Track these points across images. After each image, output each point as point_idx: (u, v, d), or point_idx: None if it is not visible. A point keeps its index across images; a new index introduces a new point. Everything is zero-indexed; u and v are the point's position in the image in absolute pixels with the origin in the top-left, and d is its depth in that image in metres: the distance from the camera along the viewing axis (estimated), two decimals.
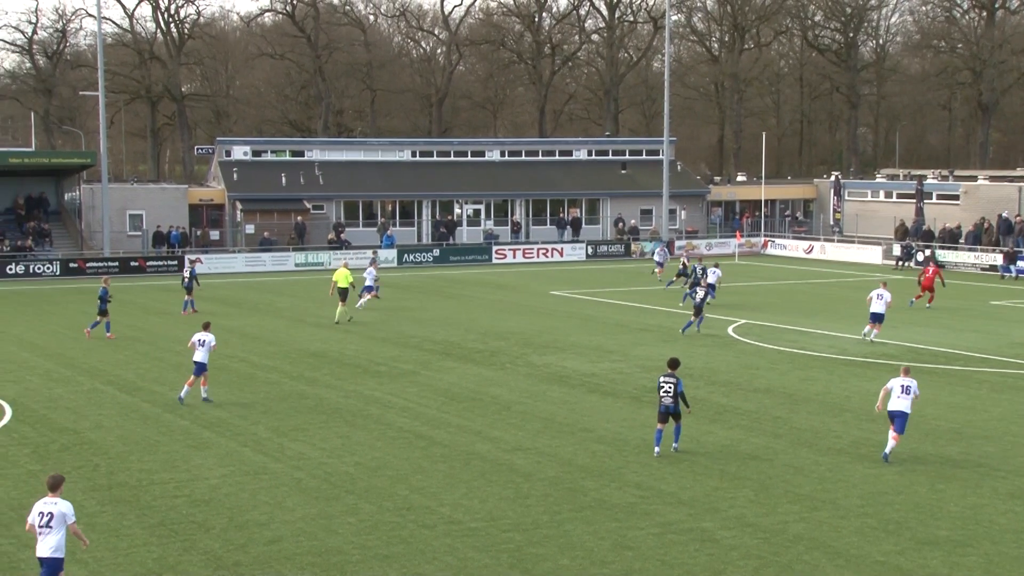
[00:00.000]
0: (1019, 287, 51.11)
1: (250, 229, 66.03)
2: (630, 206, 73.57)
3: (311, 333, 37.72)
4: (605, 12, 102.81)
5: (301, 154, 72.40)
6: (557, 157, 76.96)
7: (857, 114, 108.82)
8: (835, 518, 18.05)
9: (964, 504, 18.73)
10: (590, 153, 77.86)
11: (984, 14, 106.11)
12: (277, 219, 66.76)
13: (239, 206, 67.50)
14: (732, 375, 30.15)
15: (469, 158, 75.10)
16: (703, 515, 18.23)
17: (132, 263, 59.33)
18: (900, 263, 59.23)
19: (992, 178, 73.16)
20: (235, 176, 68.84)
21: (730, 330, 38.25)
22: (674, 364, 22.37)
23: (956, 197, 69.49)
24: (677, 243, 68.07)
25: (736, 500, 19.02)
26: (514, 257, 65.72)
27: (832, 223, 74.06)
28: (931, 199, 69.83)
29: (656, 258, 55.74)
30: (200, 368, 26.38)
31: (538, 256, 66.02)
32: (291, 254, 62.20)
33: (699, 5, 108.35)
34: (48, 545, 13.96)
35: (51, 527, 13.98)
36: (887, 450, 21.46)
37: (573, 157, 77.37)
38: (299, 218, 66.52)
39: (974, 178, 73.53)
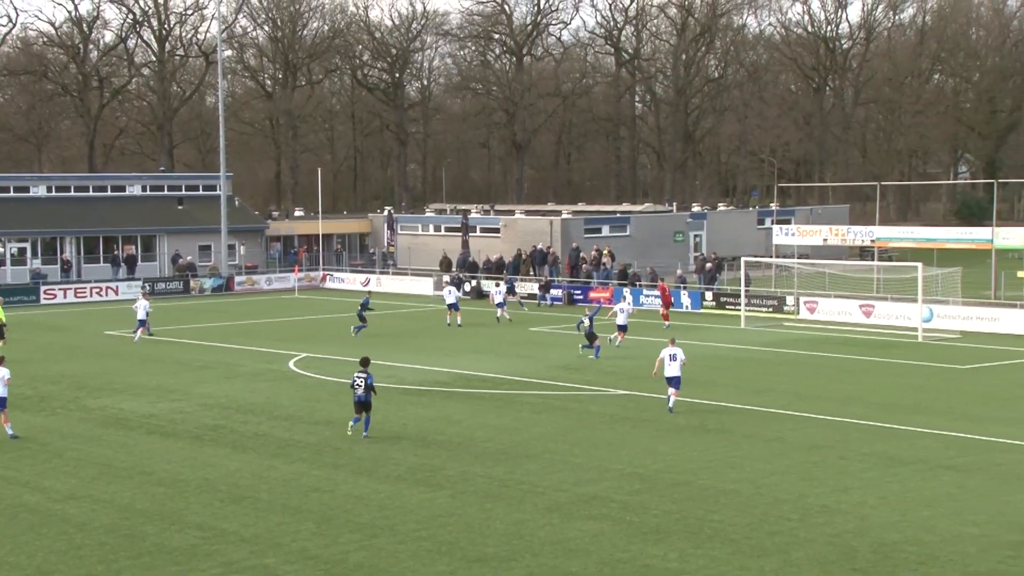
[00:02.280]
0: (554, 314, 54.75)
1: None
2: (188, 242, 71.86)
3: None
4: (155, 45, 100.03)
5: None
6: (109, 193, 73.90)
7: (406, 151, 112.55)
8: (393, 543, 18.59)
9: (509, 521, 19.85)
10: (145, 188, 75.41)
11: (514, 59, 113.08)
12: None
13: None
14: (294, 408, 30.25)
15: (12, 194, 70.46)
16: (266, 551, 18.19)
17: None
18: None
19: (528, 212, 78.08)
20: None
21: (291, 364, 38.34)
22: (366, 362, 26.78)
23: (497, 230, 73.48)
24: (237, 279, 67.28)
25: (299, 534, 19.14)
26: (65, 297, 62.32)
27: (386, 256, 75.97)
28: (476, 232, 73.37)
29: (496, 299, 51.24)
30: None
31: (91, 295, 62.98)
32: None
33: (251, 41, 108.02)
34: None
35: None
36: (671, 404, 28.77)
37: (127, 193, 74.61)
38: None
39: (512, 212, 78.11)
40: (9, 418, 27.05)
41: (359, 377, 26.18)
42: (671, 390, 29.00)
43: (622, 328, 41.61)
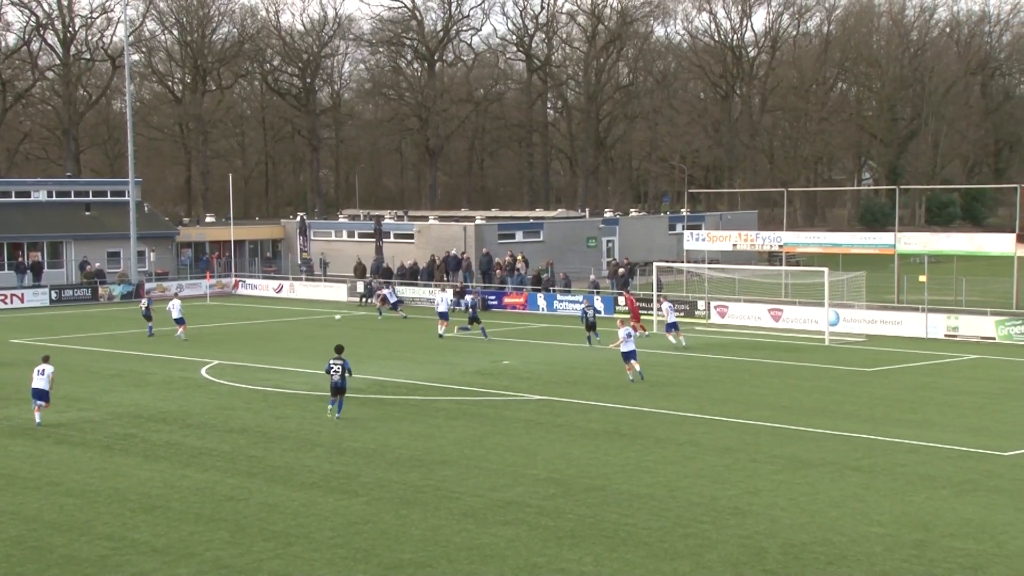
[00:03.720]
0: (465, 318, 54.63)
1: None
2: (96, 248, 70.57)
3: None
4: (59, 49, 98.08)
5: None
6: (14, 198, 72.33)
7: (319, 156, 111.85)
8: (308, 551, 18.45)
9: (425, 527, 19.81)
10: (51, 194, 73.92)
11: (426, 65, 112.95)
12: None
13: None
14: (207, 417, 29.87)
15: None
16: (178, 562, 17.93)
17: None
18: (364, 300, 61.36)
19: (441, 218, 78.04)
20: None
21: (203, 371, 37.85)
22: (340, 349, 29.09)
23: (411, 236, 73.32)
24: (147, 285, 66.24)
25: (212, 543, 18.89)
26: None
27: (300, 262, 75.41)
28: (389, 238, 73.13)
29: (440, 307, 47.89)
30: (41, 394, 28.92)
31: None
32: None
33: (159, 45, 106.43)
34: None
35: None
36: (636, 373, 34.17)
37: (32, 198, 73.08)
38: None
39: (426, 218, 78.01)
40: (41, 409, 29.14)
41: (335, 364, 28.54)
42: (634, 362, 34.31)
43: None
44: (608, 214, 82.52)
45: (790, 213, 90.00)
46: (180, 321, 46.58)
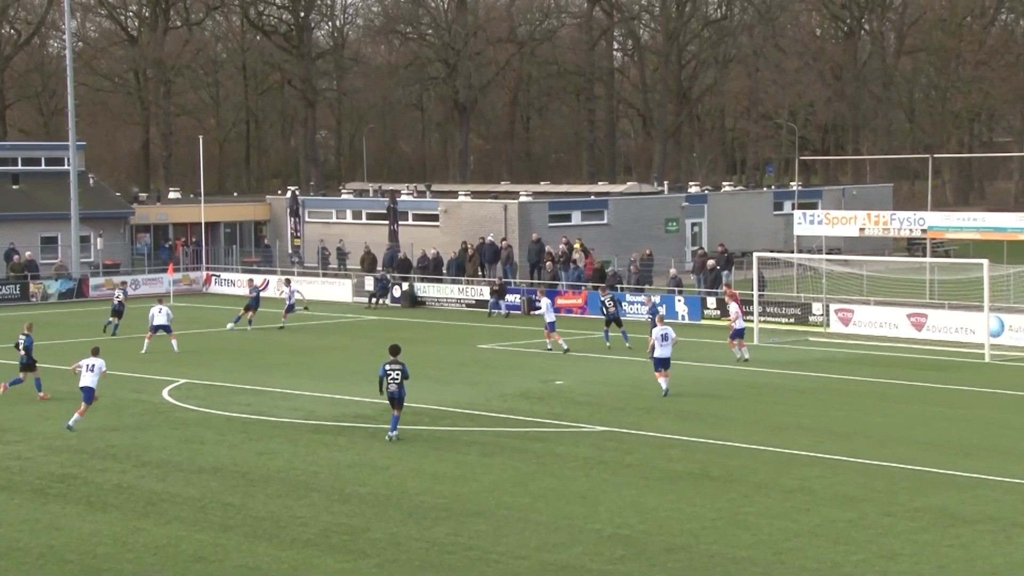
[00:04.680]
0: (507, 326, 54.74)
1: None
2: (27, 233, 71.15)
3: None
4: None
5: None
6: None
7: (315, 114, 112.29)
8: None
9: None
10: None
11: None
12: None
13: None
14: (169, 452, 30.05)
15: None
16: None
17: None
18: (375, 301, 61.45)
19: (475, 194, 78.15)
20: None
21: (165, 393, 38.08)
22: (396, 350, 30.75)
23: (435, 217, 73.46)
24: (93, 281, 66.76)
25: None
26: None
27: (290, 251, 75.68)
28: (407, 220, 73.31)
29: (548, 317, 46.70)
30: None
31: None
32: None
33: None
34: None
35: None
36: (664, 388, 35.74)
37: None
38: None
39: (455, 194, 78.15)
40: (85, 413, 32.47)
41: (392, 369, 30.38)
42: (664, 371, 36.01)
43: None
44: (693, 189, 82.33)
45: (937, 187, 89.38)
46: (161, 329, 46.98)
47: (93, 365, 32.85)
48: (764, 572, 20.93)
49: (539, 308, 49.25)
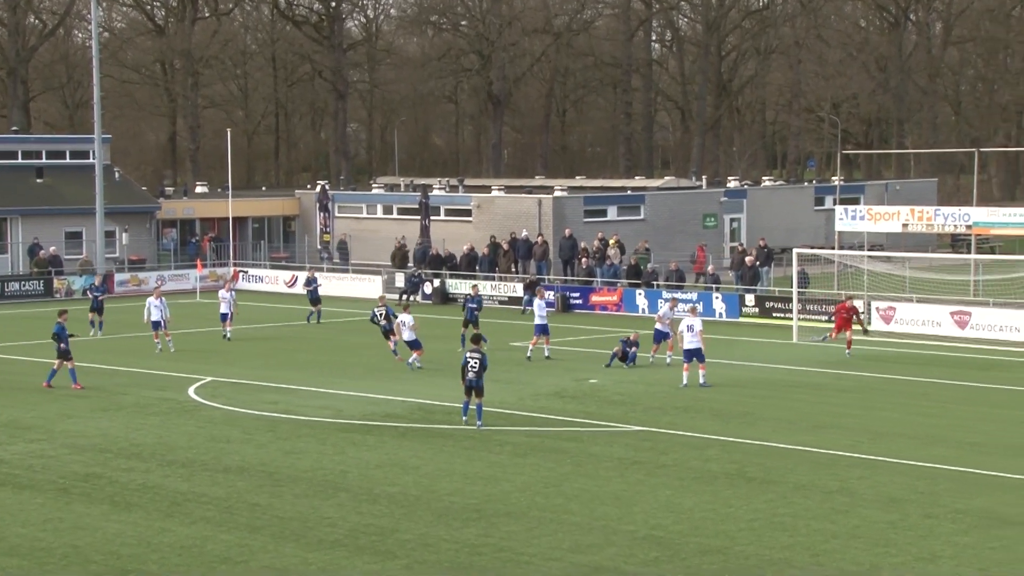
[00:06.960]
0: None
1: None
2: (51, 228, 71.53)
3: None
4: None
5: None
6: None
7: (346, 106, 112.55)
8: None
9: None
10: None
11: None
12: None
13: None
14: (195, 452, 30.19)
15: None
16: None
17: None
18: (407, 297, 61.53)
19: (508, 188, 78.16)
20: None
21: (191, 391, 38.25)
22: (478, 339, 32.66)
23: (468, 212, 73.50)
24: (118, 276, 67.10)
25: None
26: None
27: (320, 247, 75.90)
28: (439, 215, 73.37)
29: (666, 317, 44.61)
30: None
31: None
32: None
33: None
34: None
35: None
36: (702, 380, 36.95)
37: None
38: None
39: (488, 188, 78.18)
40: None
41: (472, 358, 31.79)
42: (698, 363, 37.07)
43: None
44: (732, 183, 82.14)
45: (983, 182, 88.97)
46: (157, 325, 46.81)
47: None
48: (801, 574, 20.93)
49: (530, 307, 48.06)
